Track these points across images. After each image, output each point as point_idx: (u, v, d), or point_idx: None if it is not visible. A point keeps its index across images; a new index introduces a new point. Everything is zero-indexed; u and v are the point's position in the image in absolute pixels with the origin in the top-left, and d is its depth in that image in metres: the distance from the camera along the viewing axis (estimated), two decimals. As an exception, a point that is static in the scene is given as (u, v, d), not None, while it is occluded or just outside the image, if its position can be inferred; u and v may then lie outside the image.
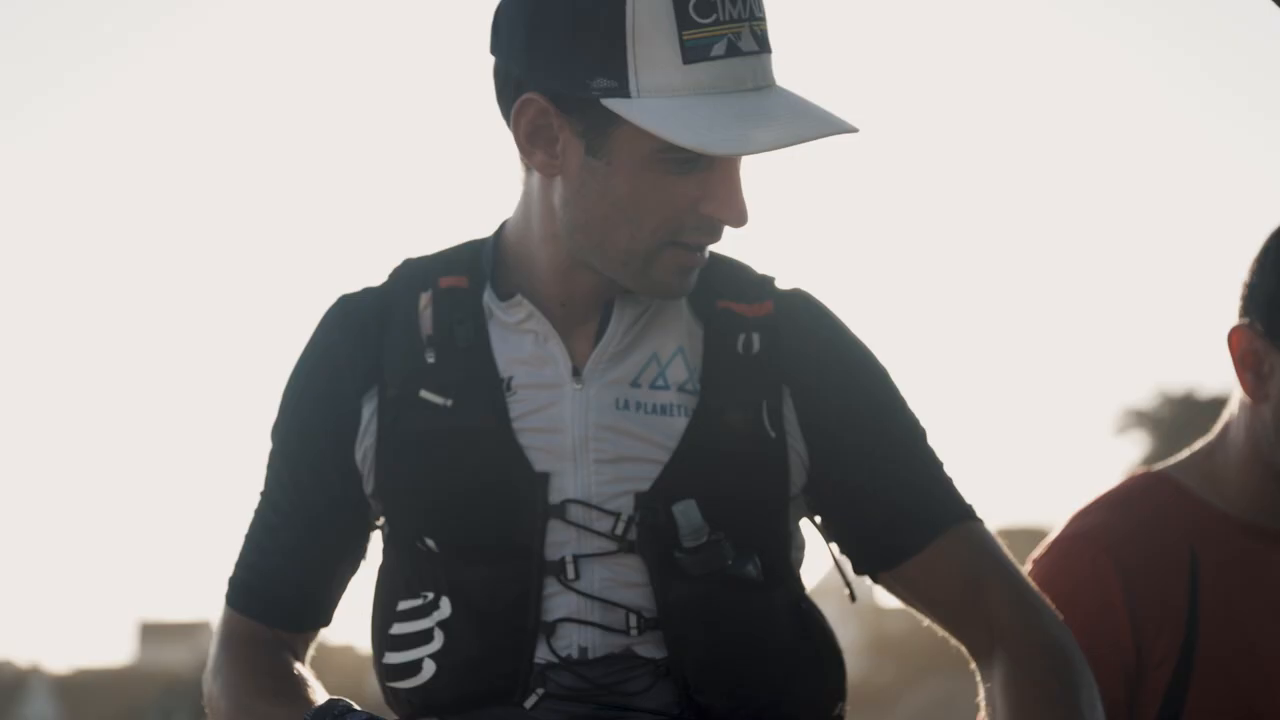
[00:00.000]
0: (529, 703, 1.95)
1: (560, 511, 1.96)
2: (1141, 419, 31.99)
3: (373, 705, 1.97)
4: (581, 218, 1.93)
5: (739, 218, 1.92)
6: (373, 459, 2.01)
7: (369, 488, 2.03)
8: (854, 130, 1.87)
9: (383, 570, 2.06)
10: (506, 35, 1.93)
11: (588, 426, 1.97)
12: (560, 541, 1.96)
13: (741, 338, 2.01)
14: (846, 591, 2.11)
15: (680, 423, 1.97)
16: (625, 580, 1.96)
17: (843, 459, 2.02)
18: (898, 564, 2.04)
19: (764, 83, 1.89)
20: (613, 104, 1.86)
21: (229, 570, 2.10)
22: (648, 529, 1.95)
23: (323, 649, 2.12)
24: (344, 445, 2.02)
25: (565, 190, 1.93)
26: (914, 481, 2.04)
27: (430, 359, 2.00)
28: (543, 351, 1.99)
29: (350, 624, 2.16)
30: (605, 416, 1.97)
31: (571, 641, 1.96)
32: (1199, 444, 2.48)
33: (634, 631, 1.96)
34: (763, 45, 1.89)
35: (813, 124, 1.87)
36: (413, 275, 2.06)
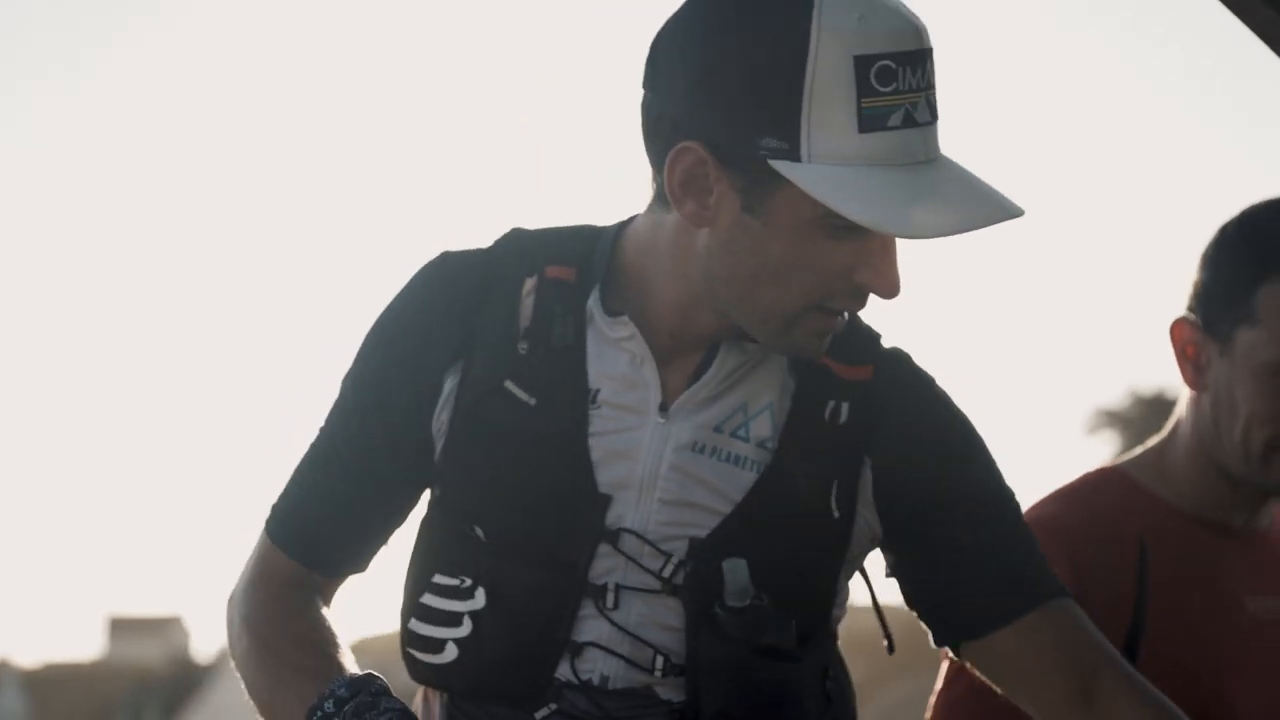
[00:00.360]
0: (540, 714, 1.95)
1: (614, 538, 1.93)
2: (1113, 419, 32.00)
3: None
4: (726, 272, 1.88)
5: (891, 289, 1.86)
6: (446, 433, 1.97)
7: (436, 457, 1.99)
8: (1022, 214, 1.83)
9: (427, 531, 2.03)
10: (668, 75, 1.87)
11: (661, 463, 1.93)
12: (607, 568, 1.94)
13: (831, 405, 1.96)
14: (885, 643, 2.09)
15: (750, 478, 1.94)
16: (661, 621, 1.94)
17: (929, 531, 1.98)
18: (988, 633, 1.98)
19: (933, 154, 1.84)
20: (781, 166, 1.81)
21: (273, 498, 2.06)
22: (695, 578, 1.92)
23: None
24: (423, 412, 1.98)
25: (712, 241, 1.88)
26: (1008, 555, 1.99)
27: (523, 350, 1.95)
28: (636, 374, 1.95)
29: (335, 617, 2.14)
30: (680, 457, 1.93)
31: (595, 667, 1.94)
32: (1152, 440, 2.54)
33: (658, 673, 1.94)
34: (934, 115, 1.84)
35: (985, 209, 1.83)
36: (520, 252, 1.99)
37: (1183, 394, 2.48)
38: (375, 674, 1.89)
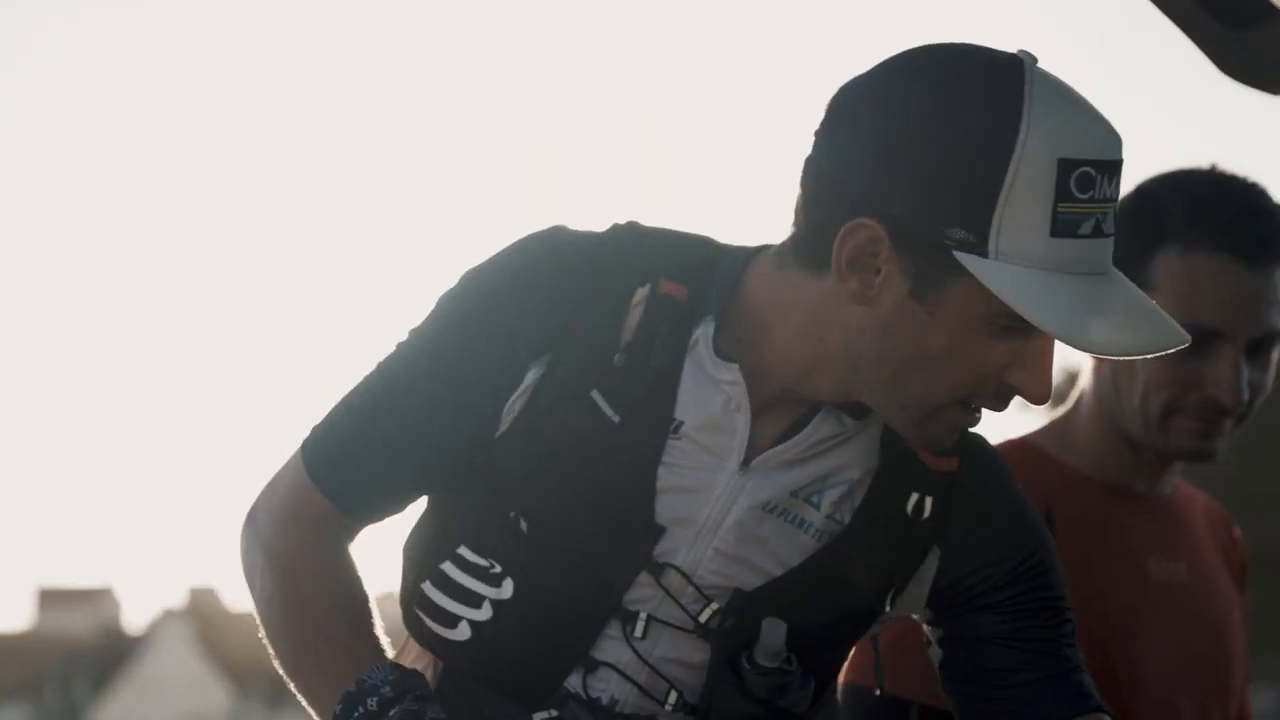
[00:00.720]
0: (539, 716, 1.93)
1: (657, 570, 1.89)
2: (1043, 394, 32.18)
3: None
4: (876, 354, 1.81)
5: (1041, 395, 1.82)
6: (514, 420, 1.90)
7: (497, 435, 1.91)
8: (1189, 341, 1.81)
9: (459, 498, 1.96)
10: (850, 144, 1.79)
11: (728, 515, 1.89)
12: (643, 596, 1.90)
13: (914, 499, 1.93)
14: (877, 691, 2.11)
15: (810, 544, 1.91)
16: (685, 660, 1.92)
17: (985, 622, 1.97)
18: None
19: (1108, 268, 1.80)
20: (967, 260, 1.74)
21: (316, 420, 1.96)
22: (731, 628, 1.90)
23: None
24: (498, 393, 1.90)
25: (868, 321, 1.81)
26: (1063, 659, 1.98)
27: (618, 362, 1.86)
28: (727, 420, 1.87)
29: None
30: (748, 516, 1.89)
31: (608, 688, 1.92)
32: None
33: (669, 707, 1.92)
34: (1114, 228, 1.80)
35: (1160, 333, 1.80)
36: (635, 254, 1.89)
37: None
38: (418, 671, 1.87)
